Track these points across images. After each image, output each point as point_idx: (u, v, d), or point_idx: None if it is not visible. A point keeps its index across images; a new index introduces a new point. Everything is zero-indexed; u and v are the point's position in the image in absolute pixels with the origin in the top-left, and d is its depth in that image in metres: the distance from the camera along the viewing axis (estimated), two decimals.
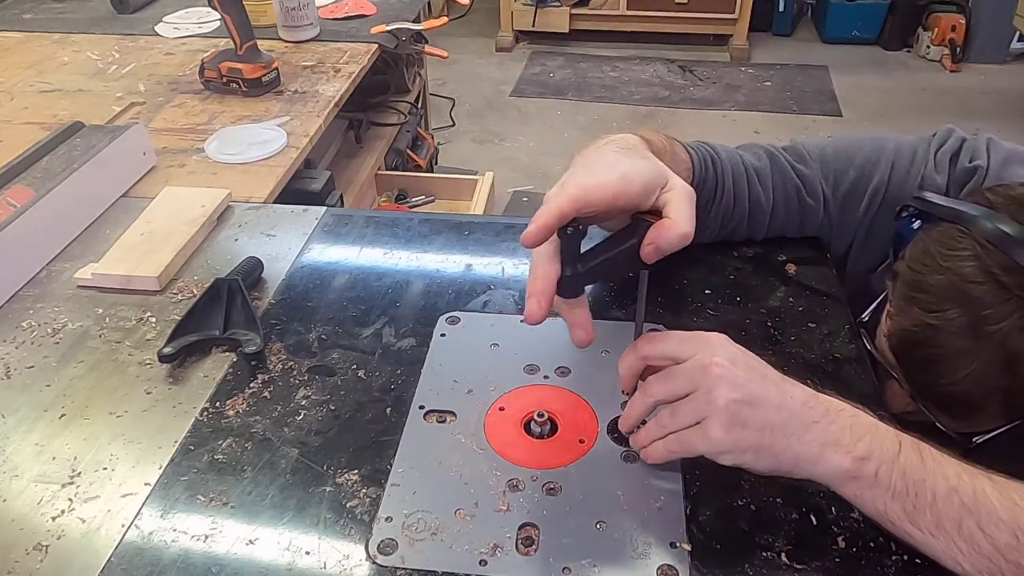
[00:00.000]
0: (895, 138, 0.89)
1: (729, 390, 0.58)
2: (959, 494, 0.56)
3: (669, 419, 0.61)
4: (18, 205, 0.94)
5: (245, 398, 0.75)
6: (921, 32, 3.99)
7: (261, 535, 0.62)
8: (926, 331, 0.70)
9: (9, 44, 1.75)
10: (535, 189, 3.00)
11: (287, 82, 1.53)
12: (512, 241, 0.97)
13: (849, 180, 0.88)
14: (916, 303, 0.71)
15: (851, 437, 0.58)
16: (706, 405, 0.58)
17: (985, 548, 0.55)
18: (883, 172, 0.87)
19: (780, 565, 0.59)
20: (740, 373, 0.59)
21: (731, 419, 0.57)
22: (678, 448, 0.61)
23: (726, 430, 0.57)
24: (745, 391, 0.58)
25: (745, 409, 0.58)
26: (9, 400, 0.76)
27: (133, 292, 0.90)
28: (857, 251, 0.91)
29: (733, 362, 0.59)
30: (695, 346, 0.61)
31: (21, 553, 0.62)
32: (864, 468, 0.57)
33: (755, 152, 0.91)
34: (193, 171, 1.24)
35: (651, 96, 3.70)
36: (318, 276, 0.92)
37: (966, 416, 0.73)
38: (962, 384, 0.69)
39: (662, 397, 0.62)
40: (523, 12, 4.07)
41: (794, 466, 0.58)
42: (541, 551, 0.60)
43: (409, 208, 2.00)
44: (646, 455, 0.64)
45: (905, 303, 0.72)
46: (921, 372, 0.73)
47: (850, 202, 0.89)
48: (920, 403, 0.75)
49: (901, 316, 0.73)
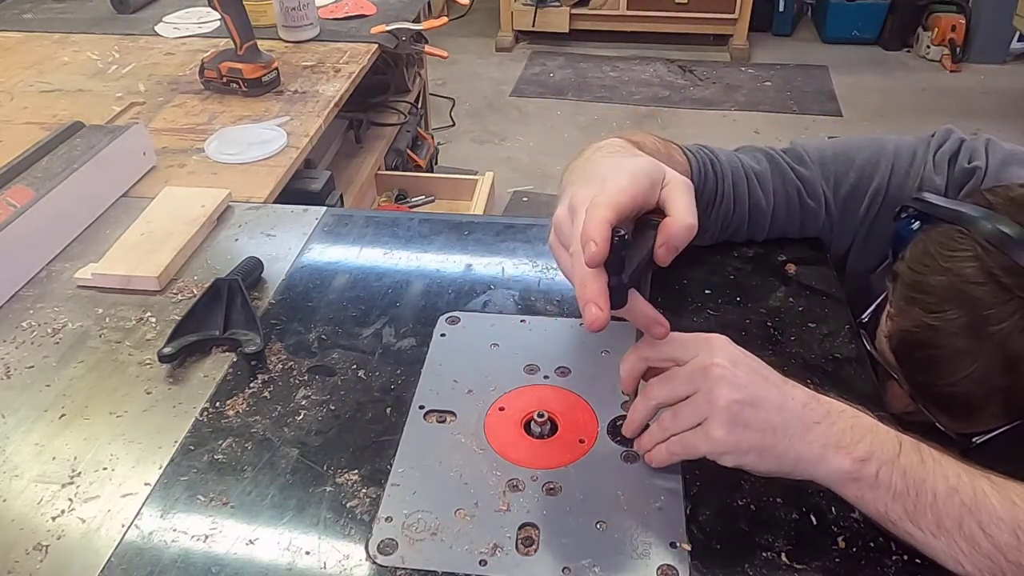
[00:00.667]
0: (894, 139, 0.89)
1: (730, 391, 0.58)
2: (959, 494, 0.56)
3: (671, 421, 0.61)
4: (18, 205, 0.94)
5: (245, 398, 0.75)
6: (921, 32, 3.99)
7: (261, 535, 0.62)
8: (927, 332, 0.70)
9: (9, 44, 1.75)
10: (535, 189, 3.00)
11: (287, 82, 1.53)
12: (512, 241, 0.97)
13: (849, 182, 0.88)
14: (916, 304, 0.71)
15: (852, 438, 0.58)
16: (707, 406, 0.58)
17: (986, 548, 0.55)
18: (883, 174, 0.87)
19: (780, 565, 0.59)
20: (741, 374, 0.59)
21: (732, 420, 0.57)
22: (680, 450, 0.61)
23: (728, 430, 0.57)
24: (746, 392, 0.58)
25: (746, 410, 0.58)
26: (9, 400, 0.76)
27: (133, 292, 0.90)
28: (857, 252, 0.91)
29: (734, 363, 0.60)
30: (696, 348, 0.61)
31: (21, 553, 0.62)
32: (865, 469, 0.57)
33: (754, 155, 0.91)
34: (193, 171, 1.24)
35: (651, 96, 3.70)
36: (318, 276, 0.92)
37: (966, 416, 0.73)
38: (962, 385, 0.69)
39: (663, 400, 0.62)
40: (523, 12, 4.07)
41: (795, 467, 0.58)
42: (541, 551, 0.60)
43: (409, 208, 2.00)
44: (650, 459, 0.64)
45: (905, 304, 0.72)
46: (921, 372, 0.73)
47: (851, 204, 0.89)
48: (920, 403, 0.75)
49: (901, 317, 0.73)
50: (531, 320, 0.83)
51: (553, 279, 0.89)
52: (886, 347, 0.76)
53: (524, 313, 0.85)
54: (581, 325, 0.82)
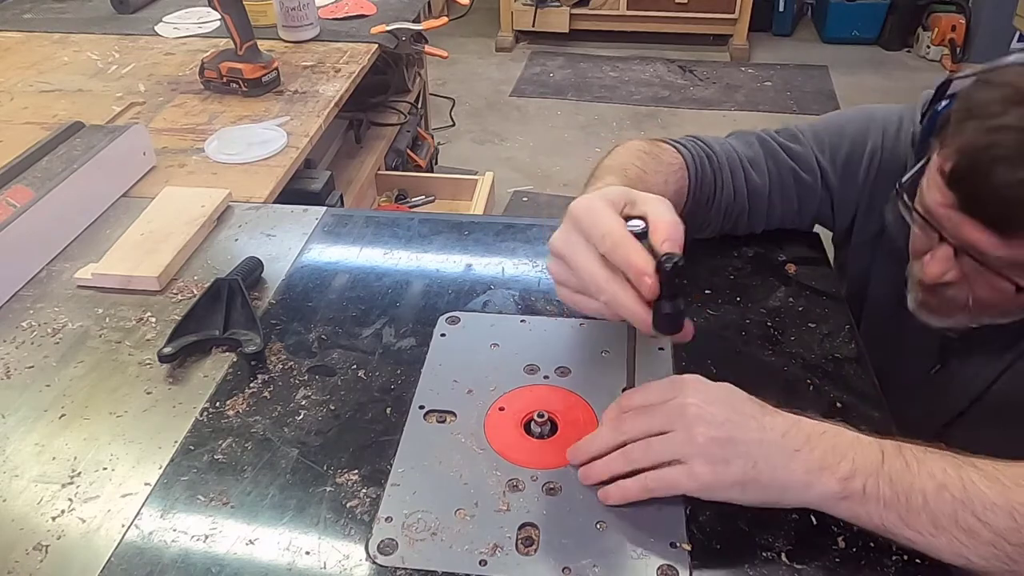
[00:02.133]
0: (881, 107, 0.92)
1: (707, 428, 0.59)
2: (948, 489, 0.56)
3: (641, 453, 0.61)
4: (18, 205, 0.94)
5: (245, 398, 0.75)
6: (921, 32, 3.99)
7: (261, 535, 0.62)
8: (988, 135, 0.66)
9: (9, 44, 1.75)
10: (535, 189, 3.00)
11: (287, 82, 1.53)
12: (512, 241, 0.97)
13: (845, 149, 0.90)
14: (974, 116, 0.68)
15: (834, 458, 0.59)
16: (687, 445, 0.59)
17: (986, 536, 0.55)
18: (875, 137, 0.88)
19: (780, 565, 0.59)
20: (717, 411, 0.60)
21: (713, 457, 0.58)
22: (659, 486, 0.61)
23: (710, 468, 0.58)
24: (724, 429, 0.59)
25: (727, 446, 0.59)
26: (9, 400, 0.76)
27: (133, 292, 0.90)
28: (862, 219, 0.92)
29: (708, 401, 0.61)
30: (672, 390, 0.63)
31: (21, 553, 0.62)
32: (851, 486, 0.58)
33: (747, 140, 0.92)
34: (193, 171, 1.24)
35: (651, 96, 3.70)
36: (318, 276, 0.92)
37: (1019, 229, 0.67)
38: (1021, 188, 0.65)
39: (636, 435, 0.62)
40: (523, 12, 4.07)
41: (782, 496, 0.59)
42: (541, 551, 0.60)
43: (409, 208, 2.00)
44: (614, 494, 0.62)
45: (964, 118, 0.69)
46: (980, 182, 0.67)
47: (850, 168, 0.90)
48: (969, 220, 0.69)
49: (958, 136, 0.69)
50: (531, 320, 0.83)
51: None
52: (935, 189, 0.72)
53: (524, 313, 0.85)
54: (581, 325, 0.82)
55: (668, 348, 0.78)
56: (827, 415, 0.70)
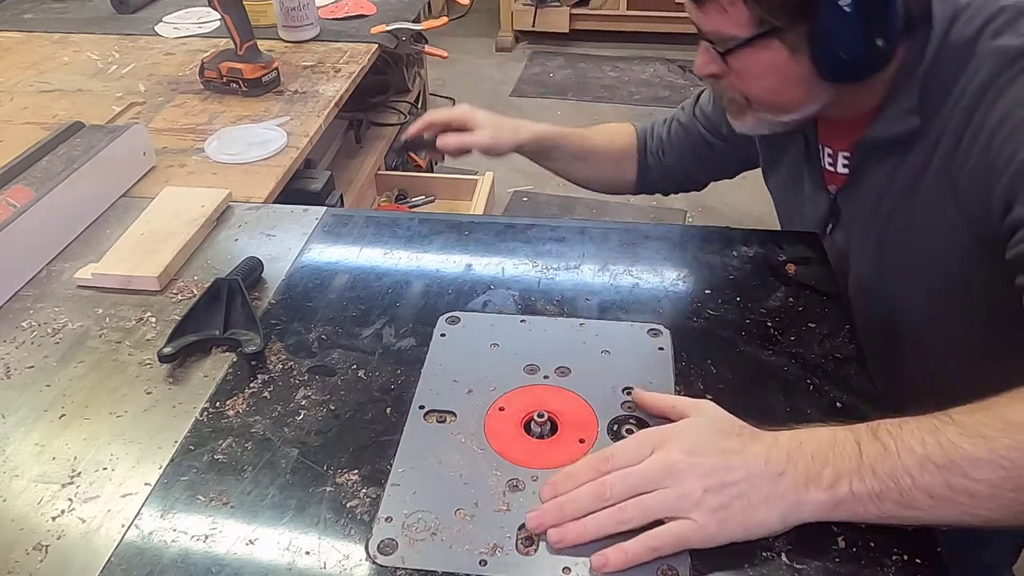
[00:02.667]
0: None
1: (698, 480, 0.59)
2: (931, 460, 0.56)
3: (638, 512, 0.59)
4: (18, 205, 0.94)
5: (245, 398, 0.75)
6: None
7: (261, 535, 0.62)
8: None
9: (9, 44, 1.75)
10: (535, 189, 3.00)
11: (287, 82, 1.53)
12: (512, 241, 0.97)
13: None
14: None
15: (816, 468, 0.59)
16: (682, 500, 0.59)
17: (984, 491, 0.55)
18: None
19: (780, 565, 0.59)
20: (703, 460, 0.60)
21: (713, 508, 0.58)
22: (665, 544, 0.58)
23: (714, 518, 0.58)
24: (714, 478, 0.59)
25: (722, 492, 0.58)
26: (9, 400, 0.76)
27: (133, 292, 0.90)
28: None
29: (692, 451, 0.60)
30: (650, 443, 0.62)
31: (21, 553, 0.62)
32: (839, 492, 0.58)
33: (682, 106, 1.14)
34: (193, 171, 1.24)
35: (651, 96, 3.70)
36: (318, 276, 0.92)
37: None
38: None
39: (621, 497, 0.60)
40: (523, 12, 4.07)
41: (783, 521, 0.59)
42: (541, 551, 0.60)
43: (409, 208, 2.00)
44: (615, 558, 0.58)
45: None
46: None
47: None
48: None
49: None
50: (531, 320, 0.83)
51: (553, 279, 0.90)
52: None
53: (524, 313, 0.85)
54: (581, 325, 0.82)
55: (668, 348, 0.78)
56: (827, 415, 0.70)
